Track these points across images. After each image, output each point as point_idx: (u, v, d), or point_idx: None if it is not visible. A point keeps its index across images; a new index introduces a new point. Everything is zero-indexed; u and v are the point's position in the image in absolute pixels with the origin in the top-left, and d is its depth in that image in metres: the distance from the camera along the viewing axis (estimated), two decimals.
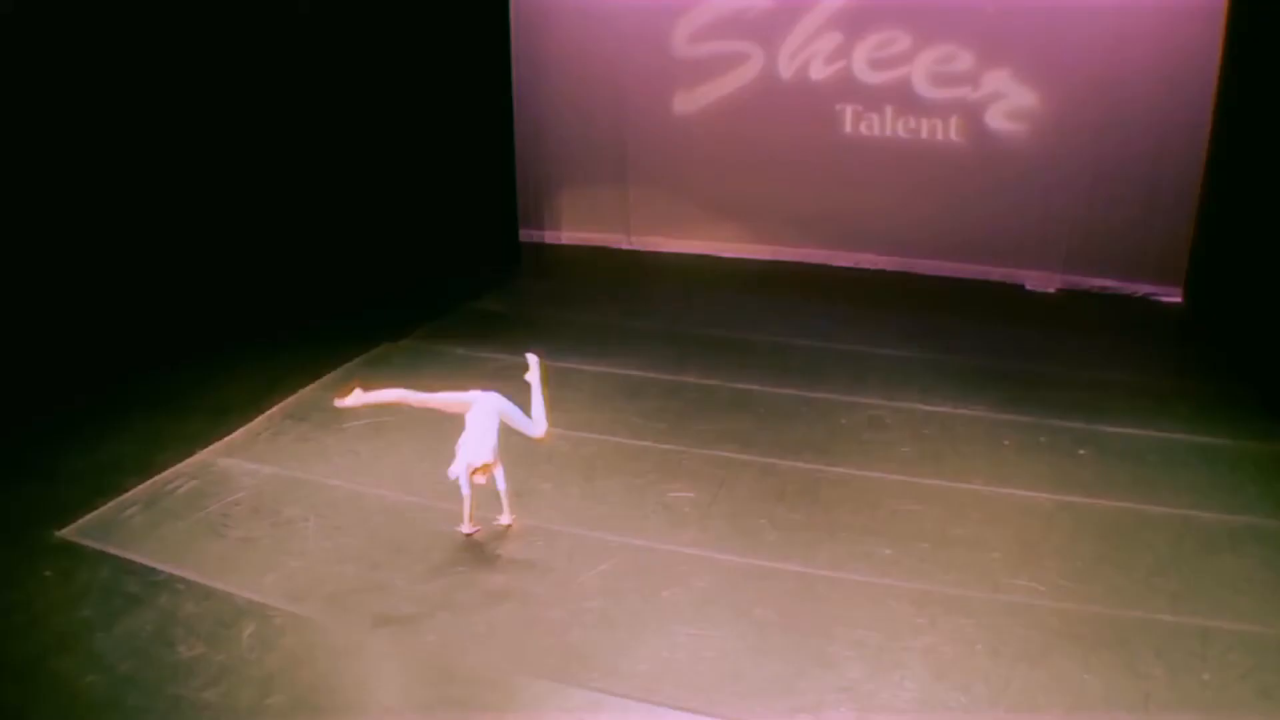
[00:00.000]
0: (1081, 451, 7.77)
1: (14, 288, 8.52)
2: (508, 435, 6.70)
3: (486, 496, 6.67)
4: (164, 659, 5.50)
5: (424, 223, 12.29)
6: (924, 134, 11.90)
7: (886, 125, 12.02)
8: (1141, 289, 11.45)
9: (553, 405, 8.52)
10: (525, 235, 13.69)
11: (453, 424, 7.10)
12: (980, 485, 7.32)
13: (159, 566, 6.29)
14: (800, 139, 12.33)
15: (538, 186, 13.62)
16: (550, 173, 13.59)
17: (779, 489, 7.32)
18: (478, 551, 6.52)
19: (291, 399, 8.67)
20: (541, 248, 13.80)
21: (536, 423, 6.84)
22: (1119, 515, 6.87)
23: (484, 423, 6.50)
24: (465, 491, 6.51)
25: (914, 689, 5.23)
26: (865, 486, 7.35)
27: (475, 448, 6.43)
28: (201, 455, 7.70)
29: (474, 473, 6.44)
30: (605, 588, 6.13)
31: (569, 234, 13.86)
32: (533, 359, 7.24)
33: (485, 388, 6.83)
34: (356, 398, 6.73)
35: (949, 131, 11.81)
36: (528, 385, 7.04)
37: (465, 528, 6.61)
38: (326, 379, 9.10)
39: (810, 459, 7.74)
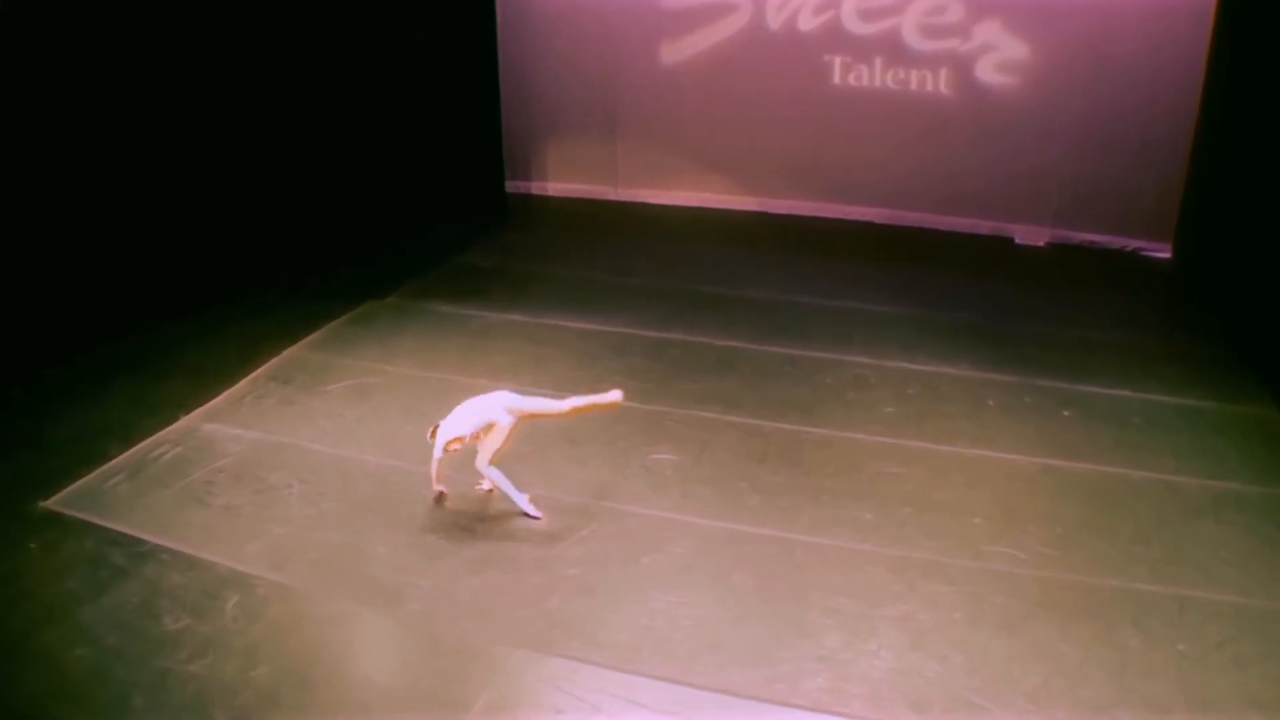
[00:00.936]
0: (1066, 413, 7.78)
1: None
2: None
3: (468, 458, 6.67)
4: (150, 631, 5.53)
5: (407, 175, 12.18)
6: (913, 86, 11.77)
7: (876, 77, 11.88)
8: (1131, 244, 11.41)
9: (536, 363, 8.64)
10: (512, 186, 13.60)
11: (438, 387, 7.13)
12: (964, 447, 7.33)
13: (144, 537, 6.29)
14: (788, 90, 12.21)
15: (524, 137, 13.49)
16: (537, 123, 13.45)
17: (762, 451, 7.33)
18: (460, 518, 6.54)
19: (275, 360, 8.64)
20: (528, 199, 13.71)
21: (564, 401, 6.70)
22: (1102, 480, 6.89)
23: (476, 409, 6.47)
24: (437, 454, 6.51)
25: (890, 658, 5.28)
26: (848, 448, 7.36)
27: (454, 423, 6.42)
28: (185, 421, 7.69)
29: (449, 444, 6.43)
30: (586, 555, 6.15)
31: (556, 185, 13.75)
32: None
33: (468, 345, 6.74)
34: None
35: (939, 83, 11.69)
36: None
37: (434, 487, 6.65)
38: (311, 338, 9.09)
39: (794, 420, 7.74)
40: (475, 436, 6.49)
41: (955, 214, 12.03)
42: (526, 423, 6.59)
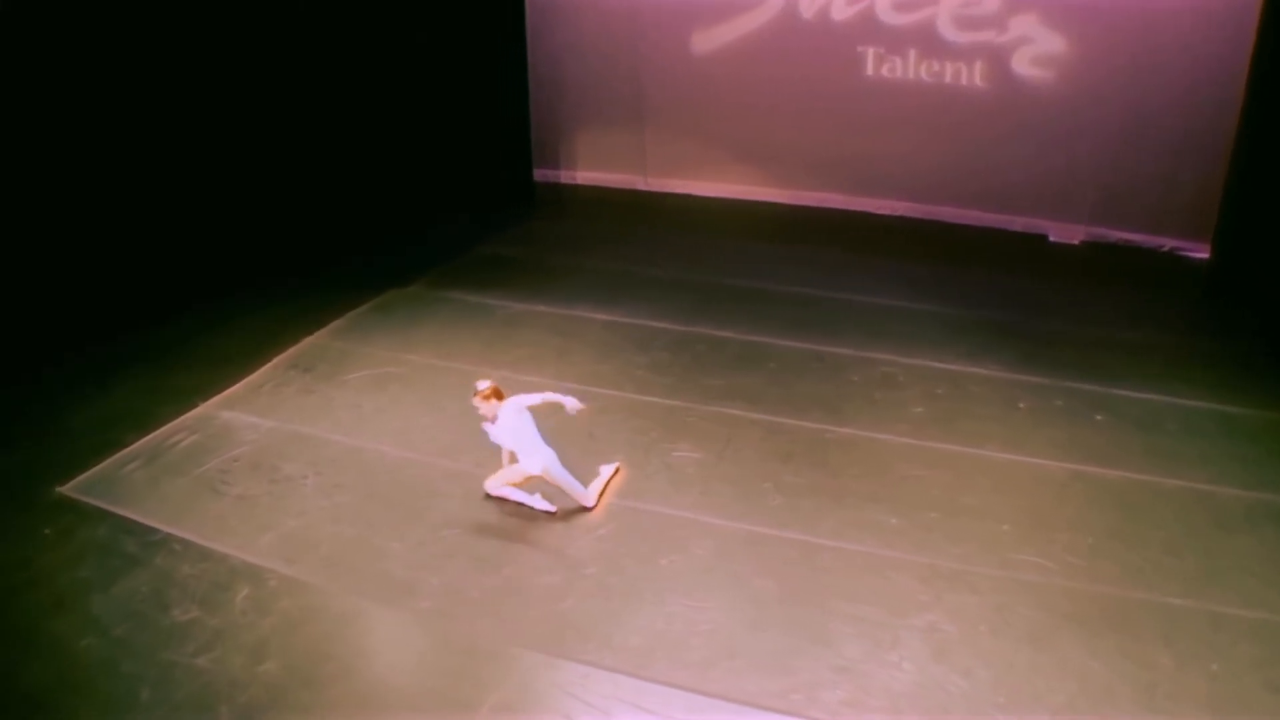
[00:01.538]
0: (1098, 417, 7.59)
1: (13, 242, 8.41)
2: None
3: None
4: (159, 622, 5.49)
5: (435, 163, 12.08)
6: (948, 78, 11.55)
7: (909, 69, 11.66)
8: (1169, 243, 11.15)
9: (559, 355, 8.53)
10: (540, 175, 13.51)
11: (459, 378, 7.02)
12: (993, 451, 7.16)
13: (157, 526, 6.26)
14: (821, 81, 12.01)
15: (553, 125, 13.38)
16: (566, 111, 13.32)
17: (786, 450, 7.19)
18: (475, 513, 6.44)
19: (295, 348, 8.58)
20: (557, 188, 13.60)
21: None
22: (1133, 488, 6.71)
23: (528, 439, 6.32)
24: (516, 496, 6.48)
25: (913, 670, 5.14)
26: (874, 449, 7.21)
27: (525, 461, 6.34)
28: (204, 408, 7.65)
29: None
30: (603, 554, 6.05)
31: (585, 174, 13.63)
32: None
33: (492, 336, 6.61)
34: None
35: (974, 76, 11.46)
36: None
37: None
38: (332, 326, 9.03)
39: (819, 418, 7.59)
40: (511, 456, 6.42)
41: (988, 210, 11.79)
42: (546, 418, 6.45)
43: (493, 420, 6.19)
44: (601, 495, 6.56)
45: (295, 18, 10.60)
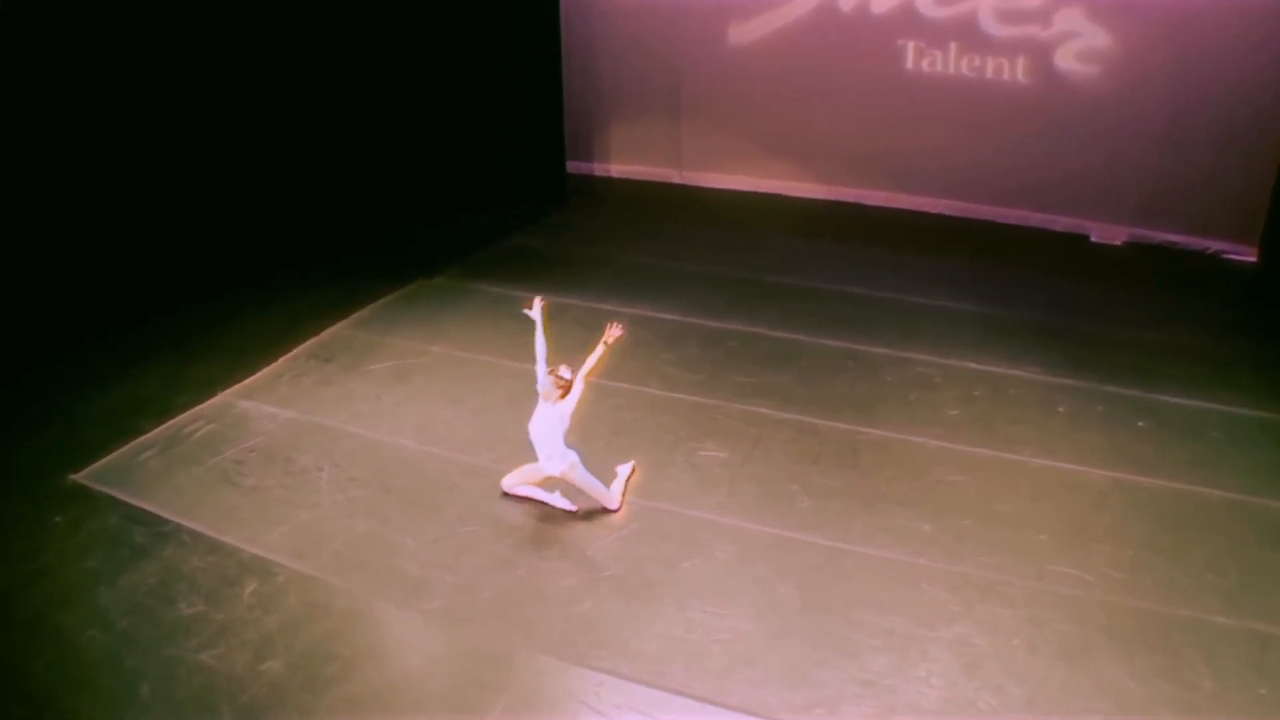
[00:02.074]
0: (1140, 424, 7.32)
1: (37, 228, 8.33)
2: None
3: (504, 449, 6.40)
4: (164, 616, 5.36)
5: (466, 154, 11.93)
6: (989, 73, 11.26)
7: (950, 63, 11.39)
8: (1213, 245, 10.80)
9: (585, 349, 8.29)
10: (573, 167, 13.32)
11: (481, 371, 6.80)
12: (1030, 456, 6.91)
13: (168, 516, 6.14)
14: (859, 75, 11.76)
15: (587, 117, 13.19)
16: (600, 103, 13.14)
17: (815, 451, 6.97)
18: (492, 510, 6.27)
19: (317, 338, 8.46)
20: (590, 180, 13.41)
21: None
22: (1176, 498, 6.44)
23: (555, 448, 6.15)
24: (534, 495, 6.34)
25: (941, 686, 4.91)
26: (907, 452, 6.98)
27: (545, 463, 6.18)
28: (222, 397, 7.53)
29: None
30: (622, 556, 5.86)
31: (618, 167, 13.45)
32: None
33: (517, 329, 6.42)
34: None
35: (1016, 71, 11.16)
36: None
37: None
38: (356, 316, 8.90)
39: (851, 419, 7.37)
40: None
41: (1028, 208, 11.50)
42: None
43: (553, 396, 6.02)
44: (624, 496, 6.37)
45: (333, 5, 10.48)
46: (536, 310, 6.28)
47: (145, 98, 9.03)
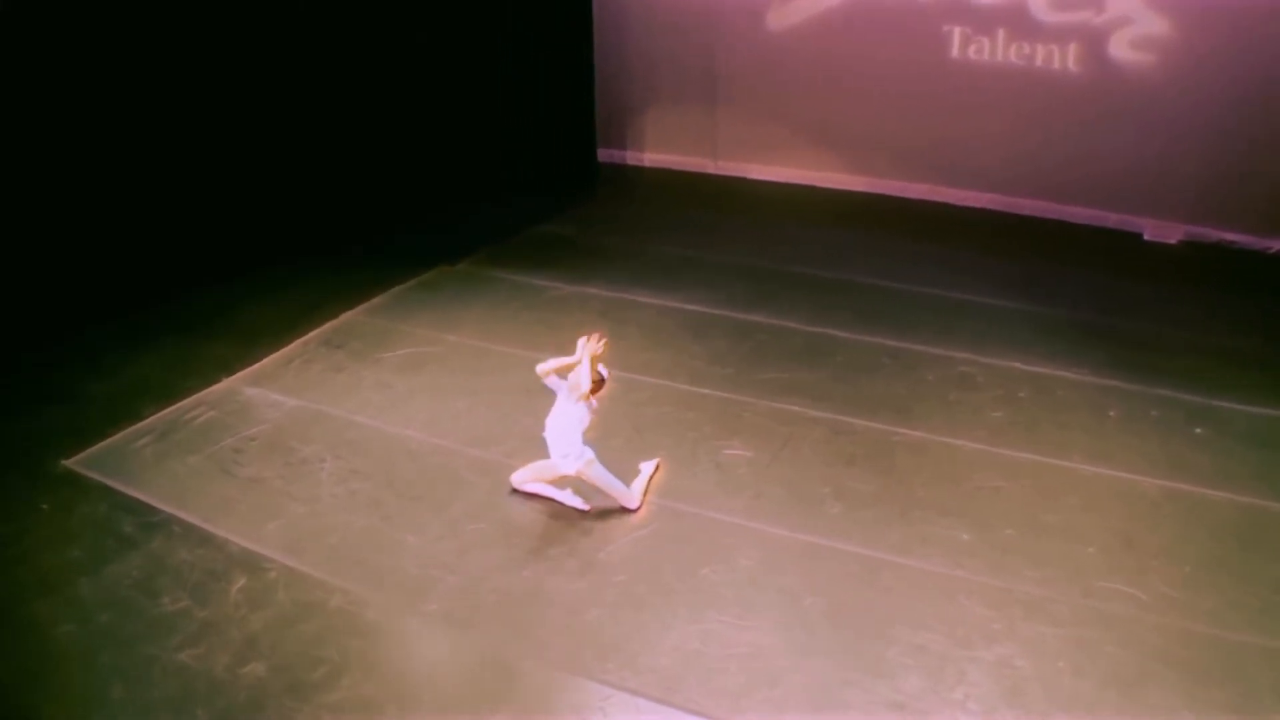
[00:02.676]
0: (1198, 430, 6.84)
1: (47, 207, 8.07)
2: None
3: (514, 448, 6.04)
4: (145, 611, 5.05)
5: (494, 141, 11.60)
6: (1039, 61, 10.75)
7: (998, 50, 10.88)
8: (1274, 245, 10.26)
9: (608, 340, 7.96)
10: (604, 156, 12.95)
11: (498, 361, 6.43)
12: (1078, 463, 6.46)
13: (159, 505, 5.85)
14: (903, 62, 11.28)
15: (619, 104, 12.80)
16: (633, 89, 12.74)
17: (849, 453, 6.56)
18: (501, 508, 5.92)
19: (329, 324, 8.14)
20: (622, 169, 13.02)
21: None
22: (1238, 512, 5.96)
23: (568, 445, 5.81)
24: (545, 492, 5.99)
25: (979, 711, 4.50)
26: (947, 456, 6.55)
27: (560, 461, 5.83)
28: (227, 383, 7.23)
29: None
30: (637, 560, 5.48)
31: (651, 156, 13.05)
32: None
33: (537, 318, 6.10)
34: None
35: (1067, 60, 10.64)
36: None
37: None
38: (371, 303, 8.58)
39: (887, 419, 6.95)
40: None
41: (1078, 204, 10.98)
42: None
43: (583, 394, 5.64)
44: (645, 495, 5.98)
45: None
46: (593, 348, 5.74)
47: (173, 86, 8.79)
